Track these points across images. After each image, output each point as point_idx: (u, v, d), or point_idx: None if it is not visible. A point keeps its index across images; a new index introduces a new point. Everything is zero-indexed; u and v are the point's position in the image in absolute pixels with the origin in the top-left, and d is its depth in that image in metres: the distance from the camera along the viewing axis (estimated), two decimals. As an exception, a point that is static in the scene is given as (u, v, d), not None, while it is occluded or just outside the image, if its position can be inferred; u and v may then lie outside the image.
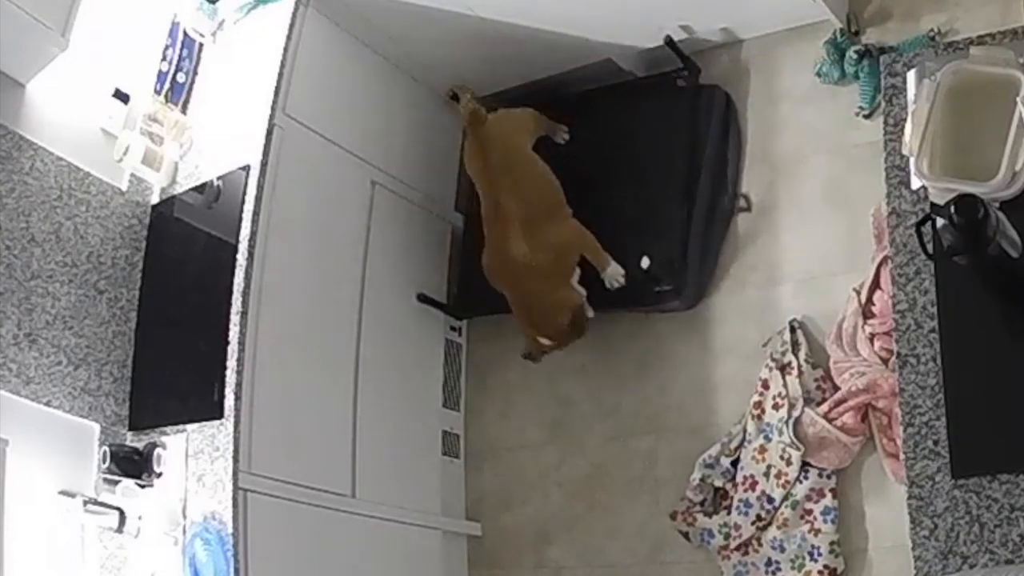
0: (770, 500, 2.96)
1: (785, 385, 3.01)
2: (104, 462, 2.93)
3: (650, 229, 3.25)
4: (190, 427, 2.90)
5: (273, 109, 3.04)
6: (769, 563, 2.95)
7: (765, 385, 3.06)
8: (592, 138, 3.46)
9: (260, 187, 2.97)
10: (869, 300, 2.94)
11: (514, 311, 3.27)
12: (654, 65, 3.50)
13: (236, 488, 2.74)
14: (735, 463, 3.07)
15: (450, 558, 3.42)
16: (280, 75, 3.08)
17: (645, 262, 3.20)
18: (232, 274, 2.91)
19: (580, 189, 3.41)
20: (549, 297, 3.18)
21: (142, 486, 2.94)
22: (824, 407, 2.94)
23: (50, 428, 2.92)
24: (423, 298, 3.49)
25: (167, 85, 3.32)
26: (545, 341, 3.21)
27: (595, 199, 3.37)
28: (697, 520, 3.09)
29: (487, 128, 3.31)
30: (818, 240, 3.15)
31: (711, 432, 3.17)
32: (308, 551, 2.92)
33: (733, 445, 3.08)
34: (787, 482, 2.95)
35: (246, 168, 3.02)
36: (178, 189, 3.26)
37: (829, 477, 2.94)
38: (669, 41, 3.33)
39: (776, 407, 3.01)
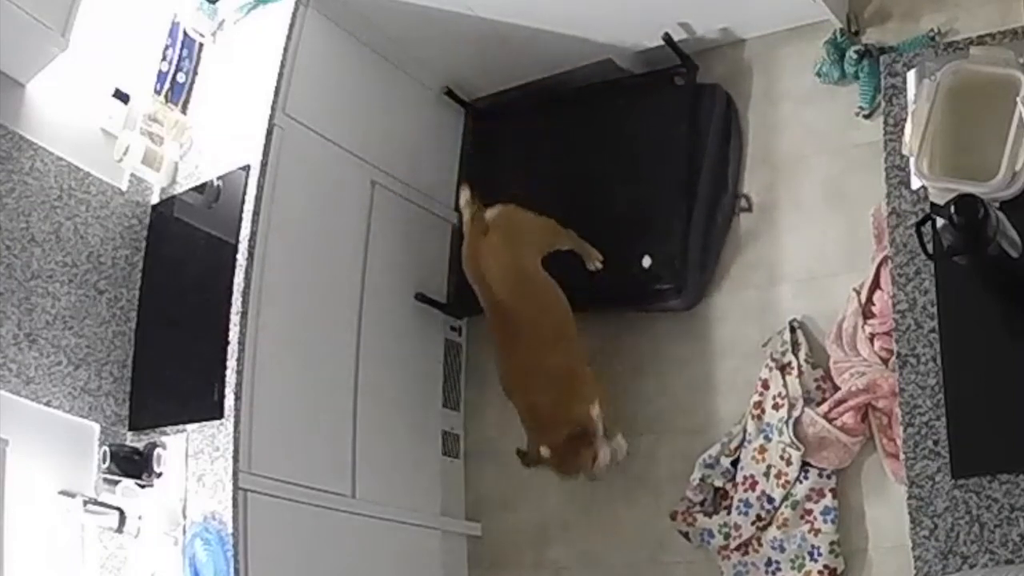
0: (770, 500, 2.96)
1: (785, 385, 3.01)
2: (104, 462, 2.93)
3: (650, 227, 3.25)
4: (190, 427, 2.90)
5: (273, 109, 3.04)
6: (769, 563, 2.95)
7: (765, 385, 3.06)
8: (592, 136, 3.46)
9: (260, 187, 2.97)
10: (869, 300, 2.94)
11: (520, 416, 3.12)
12: (654, 65, 3.50)
13: (236, 488, 2.74)
14: (735, 463, 3.07)
15: (450, 558, 3.42)
16: (280, 75, 3.08)
17: (647, 261, 3.20)
18: (232, 274, 2.91)
19: (580, 187, 3.41)
20: (557, 410, 3.01)
21: (142, 486, 2.94)
22: (824, 407, 2.94)
23: (50, 428, 2.92)
24: (421, 297, 3.49)
25: (167, 85, 3.32)
26: (544, 452, 2.99)
27: (595, 197, 3.38)
28: (697, 520, 3.09)
29: (488, 237, 3.14)
30: (818, 240, 3.15)
31: (711, 432, 3.17)
32: (308, 551, 2.92)
33: (733, 445, 3.08)
34: (787, 482, 2.95)
35: (246, 168, 3.02)
36: (178, 189, 3.26)
37: (829, 477, 2.94)
38: (667, 38, 3.33)
39: (776, 407, 3.01)
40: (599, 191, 3.39)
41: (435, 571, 3.35)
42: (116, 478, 2.93)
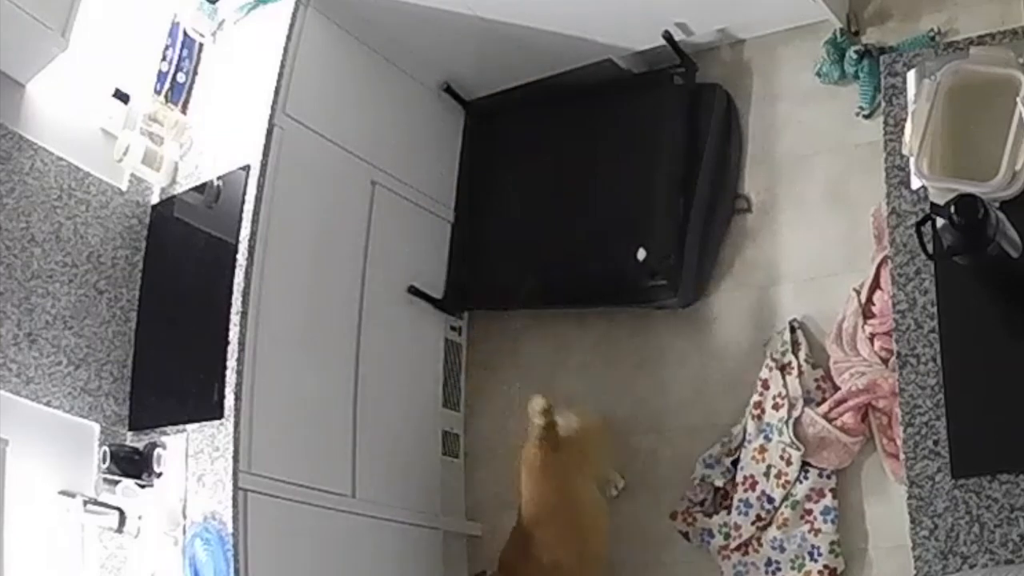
0: (770, 500, 2.96)
1: (785, 385, 3.01)
2: (104, 462, 2.93)
3: (647, 225, 3.24)
4: (190, 427, 2.90)
5: (273, 109, 3.04)
6: (769, 563, 2.95)
7: (765, 385, 3.06)
8: (591, 135, 3.46)
9: (260, 187, 2.97)
10: (869, 300, 2.94)
11: None
12: (653, 65, 3.50)
13: (236, 488, 2.74)
14: (735, 463, 3.07)
15: (450, 558, 3.42)
16: (280, 75, 3.08)
17: (641, 253, 3.19)
18: (232, 274, 2.91)
19: (579, 186, 3.41)
20: None
21: (142, 486, 2.94)
22: (824, 407, 2.94)
23: (50, 428, 2.92)
24: (414, 290, 3.48)
25: (167, 85, 3.32)
26: None
27: (593, 196, 3.38)
28: (697, 520, 3.09)
29: (559, 454, 3.01)
30: (818, 240, 3.15)
31: (711, 432, 3.16)
32: (308, 551, 2.92)
33: (733, 445, 3.08)
34: (787, 482, 2.95)
35: (246, 168, 3.02)
36: (178, 189, 3.26)
37: (829, 477, 2.94)
38: (667, 36, 3.32)
39: (776, 407, 3.01)
40: (597, 190, 3.39)
41: (435, 571, 3.35)
42: (116, 478, 2.93)
